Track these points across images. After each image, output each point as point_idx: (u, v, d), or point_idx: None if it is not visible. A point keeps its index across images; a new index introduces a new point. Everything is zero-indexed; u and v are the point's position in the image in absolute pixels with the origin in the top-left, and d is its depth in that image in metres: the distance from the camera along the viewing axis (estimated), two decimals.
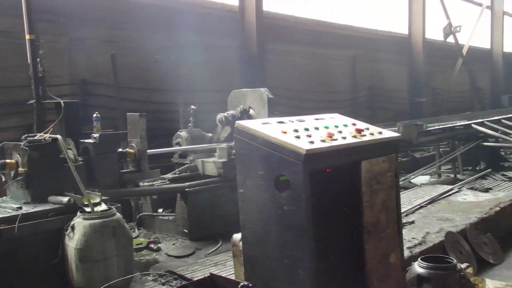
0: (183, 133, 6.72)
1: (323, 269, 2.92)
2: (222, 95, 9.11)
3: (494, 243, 5.23)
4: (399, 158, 10.97)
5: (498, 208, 5.94)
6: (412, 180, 8.60)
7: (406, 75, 15.95)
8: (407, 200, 6.42)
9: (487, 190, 7.07)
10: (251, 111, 6.41)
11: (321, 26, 12.61)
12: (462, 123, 10.95)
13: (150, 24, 8.34)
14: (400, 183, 7.96)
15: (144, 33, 8.24)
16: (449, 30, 16.61)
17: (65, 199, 3.93)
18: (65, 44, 7.27)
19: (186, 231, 5.52)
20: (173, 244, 5.43)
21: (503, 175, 9.29)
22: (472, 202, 6.35)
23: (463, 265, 3.55)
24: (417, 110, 15.00)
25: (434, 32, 17.24)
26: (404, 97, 15.71)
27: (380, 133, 3.22)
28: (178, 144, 6.70)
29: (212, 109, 7.51)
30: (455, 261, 3.43)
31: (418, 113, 14.57)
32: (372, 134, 3.15)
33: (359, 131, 3.14)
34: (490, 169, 9.55)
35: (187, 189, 5.56)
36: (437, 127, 9.97)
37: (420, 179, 8.97)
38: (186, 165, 6.30)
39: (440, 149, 10.57)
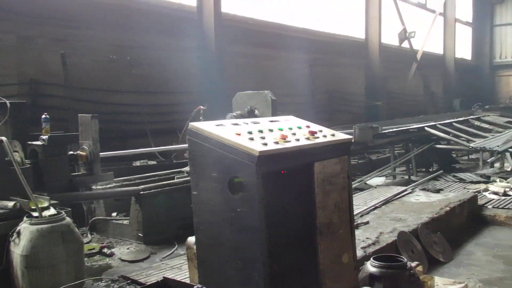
0: None
1: (277, 271, 2.94)
2: (181, 97, 9.07)
3: (444, 242, 5.41)
4: (356, 160, 11.28)
5: (448, 208, 6.16)
6: (367, 182, 8.80)
7: (363, 78, 16.32)
8: (363, 201, 6.55)
9: (438, 191, 7.31)
10: (256, 112, 6.65)
11: (280, 29, 12.74)
12: (416, 126, 11.32)
13: (104, 23, 8.20)
14: (356, 184, 8.21)
15: (98, 32, 8.08)
16: (404, 35, 17.13)
17: (10, 204, 3.79)
18: (13, 42, 7.04)
19: (141, 235, 5.44)
20: (127, 248, 5.34)
21: (454, 176, 9.64)
22: (424, 202, 6.54)
23: (413, 264, 3.65)
24: (374, 113, 15.37)
25: (390, 37, 17.74)
26: (361, 101, 16.08)
27: (333, 135, 3.28)
28: None
29: (176, 110, 7.46)
30: (405, 260, 3.52)
31: (375, 116, 14.93)
32: (325, 136, 3.20)
33: (312, 133, 3.18)
34: (442, 171, 9.89)
35: (142, 192, 5.48)
36: (392, 130, 10.26)
37: (375, 180, 9.18)
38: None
39: (395, 151, 10.86)
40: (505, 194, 7.72)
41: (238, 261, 2.79)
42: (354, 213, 5.70)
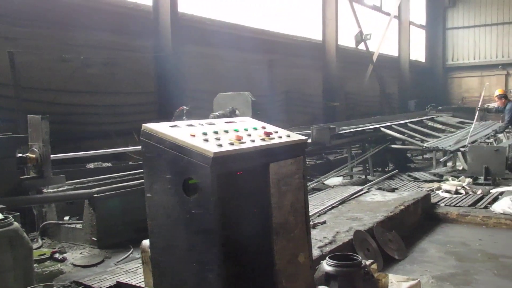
0: None
1: (233, 272, 2.94)
2: (136, 97, 8.93)
3: (398, 240, 5.57)
4: (315, 161, 11.43)
5: (402, 207, 6.33)
6: (325, 182, 8.94)
7: (321, 80, 16.56)
8: (320, 201, 6.65)
9: (393, 190, 7.50)
10: (237, 111, 6.83)
11: (238, 30, 12.75)
12: (372, 126, 11.59)
13: (56, 21, 7.97)
14: (313, 184, 8.31)
15: (49, 31, 7.86)
16: (360, 37, 17.49)
17: None
18: None
19: (94, 239, 5.32)
20: (80, 253, 5.20)
21: (409, 175, 9.93)
22: (379, 201, 6.70)
23: (368, 262, 3.74)
24: (331, 114, 15.62)
25: (347, 39, 18.08)
26: (319, 101, 16.30)
27: (289, 136, 3.30)
28: None
29: (132, 111, 7.34)
30: (360, 258, 3.60)
31: (332, 117, 15.17)
32: (280, 137, 3.22)
33: (268, 134, 3.19)
34: (397, 170, 10.17)
35: (95, 195, 5.36)
36: (349, 131, 10.45)
37: (333, 180, 9.33)
38: None
39: (352, 152, 11.08)
40: (456, 192, 8.03)
41: (194, 264, 2.77)
42: (312, 213, 5.81)
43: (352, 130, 10.72)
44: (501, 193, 7.87)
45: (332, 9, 16.52)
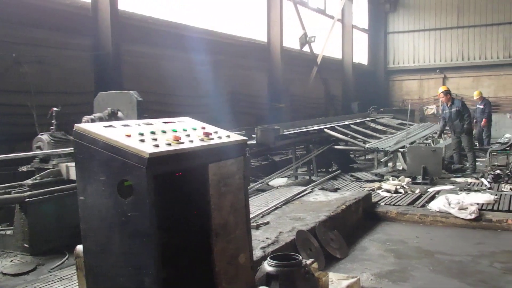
0: (44, 137, 6.22)
1: (171, 275, 2.90)
2: (74, 97, 8.64)
3: (340, 239, 5.69)
4: (260, 162, 11.50)
5: (344, 207, 6.49)
6: (270, 183, 9.01)
7: (267, 81, 16.69)
8: (264, 202, 6.70)
9: (336, 190, 7.67)
10: (120, 114, 6.26)
11: (182, 29, 12.62)
12: (316, 127, 11.82)
13: None
14: (258, 185, 8.35)
15: None
16: (305, 39, 17.77)
17: None
18: None
19: (26, 245, 5.09)
20: (11, 261, 4.97)
21: (351, 175, 10.20)
22: (322, 201, 6.84)
23: (309, 261, 3.79)
24: (277, 115, 15.76)
25: (292, 41, 18.33)
26: (265, 103, 16.41)
27: (228, 136, 3.30)
28: (39, 148, 6.19)
29: (70, 111, 7.07)
30: (300, 258, 3.65)
31: (278, 118, 15.31)
32: (220, 137, 3.22)
33: (207, 134, 3.18)
34: (340, 171, 10.40)
35: (27, 199, 5.13)
36: (293, 132, 10.60)
37: (278, 181, 9.43)
38: (49, 170, 5.84)
39: (297, 152, 11.25)
40: (396, 191, 8.32)
41: (129, 268, 2.70)
42: (255, 214, 5.84)
43: (296, 131, 10.89)
44: (438, 192, 8.23)
45: (276, 11, 16.68)
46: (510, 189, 8.44)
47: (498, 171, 9.63)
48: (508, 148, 10.96)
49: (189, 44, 12.59)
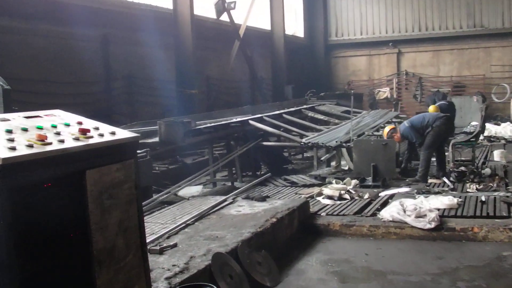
0: None
1: None
2: None
3: (269, 261, 5.80)
4: (166, 166, 11.46)
5: (274, 220, 6.62)
6: (179, 193, 8.99)
7: (174, 61, 16.59)
8: (171, 218, 6.70)
9: (264, 198, 7.81)
10: None
11: None
12: (239, 119, 11.93)
13: None
14: (163, 197, 8.31)
15: None
16: (222, 6, 17.81)
17: None
18: None
19: None
20: None
21: (285, 179, 10.42)
22: (247, 214, 6.93)
23: None
24: (188, 104, 15.73)
25: (206, 8, 18.33)
26: (172, 89, 16.32)
27: (114, 133, 3.29)
28: None
29: None
30: None
31: (189, 108, 15.29)
32: (102, 135, 3.21)
33: (84, 131, 3.16)
34: (270, 174, 10.59)
35: None
36: (209, 125, 10.63)
37: (190, 190, 9.44)
38: None
39: (215, 152, 11.31)
40: (340, 197, 8.57)
41: None
42: (159, 235, 5.84)
43: (213, 124, 10.93)
44: (391, 196, 8.57)
45: None
46: (477, 189, 8.95)
47: (462, 168, 10.21)
48: (473, 139, 11.58)
49: (67, 14, 12.26)
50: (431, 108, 12.92)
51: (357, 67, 27.21)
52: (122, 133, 3.36)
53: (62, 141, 2.96)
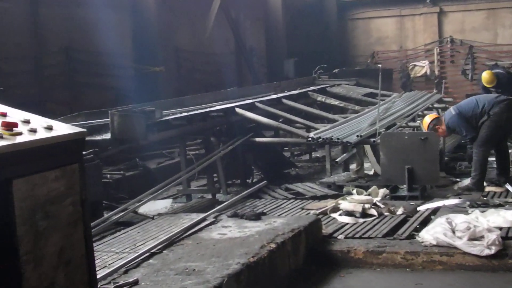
0: None
1: None
2: None
3: None
4: (122, 173, 11.40)
5: (273, 246, 6.58)
6: (140, 210, 8.96)
7: (130, 28, 16.58)
8: (130, 245, 6.72)
9: (258, 216, 7.77)
10: None
11: None
12: (222, 106, 11.88)
13: None
14: (118, 215, 8.29)
15: None
16: None
17: None
18: None
19: None
20: None
21: (286, 189, 10.38)
22: (234, 238, 6.91)
23: None
24: (151, 87, 15.73)
25: None
26: (129, 66, 16.34)
27: (50, 128, 3.29)
28: None
29: None
30: None
31: (153, 93, 15.28)
32: (33, 131, 3.21)
33: (9, 126, 3.15)
34: (266, 182, 10.53)
35: None
36: (179, 115, 10.58)
37: (155, 206, 9.43)
38: None
39: (190, 153, 11.27)
40: (364, 214, 8.51)
41: None
42: (114, 268, 5.82)
43: (186, 114, 10.88)
44: (435, 211, 8.56)
45: None
46: None
47: None
48: None
49: None
50: (485, 77, 12.81)
51: (384, 33, 27.22)
52: (62, 128, 3.34)
53: None
